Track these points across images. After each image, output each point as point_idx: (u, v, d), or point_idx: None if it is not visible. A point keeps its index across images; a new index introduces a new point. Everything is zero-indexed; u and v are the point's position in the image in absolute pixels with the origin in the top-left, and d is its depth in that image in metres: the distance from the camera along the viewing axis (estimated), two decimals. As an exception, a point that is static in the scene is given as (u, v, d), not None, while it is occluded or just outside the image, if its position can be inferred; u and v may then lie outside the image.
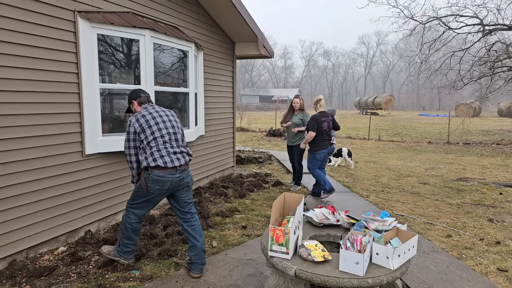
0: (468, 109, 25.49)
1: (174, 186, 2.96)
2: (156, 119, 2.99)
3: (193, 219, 3.13)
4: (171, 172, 2.91)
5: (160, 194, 2.95)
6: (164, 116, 3.06)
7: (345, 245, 2.29)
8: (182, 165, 2.97)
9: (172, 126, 3.06)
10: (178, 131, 3.09)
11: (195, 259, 3.06)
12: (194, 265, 3.07)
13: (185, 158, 3.02)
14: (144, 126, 2.93)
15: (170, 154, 2.93)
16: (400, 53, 53.52)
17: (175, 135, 3.04)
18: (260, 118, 28.87)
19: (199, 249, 3.07)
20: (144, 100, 3.16)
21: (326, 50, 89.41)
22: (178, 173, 2.95)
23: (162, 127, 2.98)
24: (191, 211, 3.14)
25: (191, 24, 5.58)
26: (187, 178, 3.05)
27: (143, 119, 2.95)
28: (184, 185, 3.04)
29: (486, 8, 12.48)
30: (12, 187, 3.16)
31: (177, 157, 2.96)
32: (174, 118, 3.14)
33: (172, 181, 2.92)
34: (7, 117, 3.10)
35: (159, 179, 2.87)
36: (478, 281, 3.05)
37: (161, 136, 2.94)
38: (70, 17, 3.57)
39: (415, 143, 13.59)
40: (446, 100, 38.99)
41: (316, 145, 5.47)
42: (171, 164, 2.89)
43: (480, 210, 5.12)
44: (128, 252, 3.11)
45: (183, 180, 3.00)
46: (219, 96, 6.63)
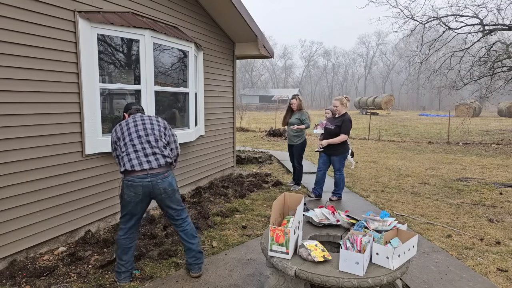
0: (468, 109, 25.49)
1: (149, 191, 2.79)
2: (129, 124, 2.95)
3: (184, 224, 3.03)
4: (141, 176, 2.76)
5: (137, 202, 2.80)
6: (139, 122, 2.97)
7: (345, 245, 2.29)
8: (153, 168, 2.79)
9: (144, 128, 2.94)
10: (152, 132, 2.94)
11: (192, 260, 3.05)
12: (192, 265, 3.06)
13: (158, 161, 2.83)
14: (119, 135, 2.93)
15: (140, 157, 2.80)
16: (400, 53, 53.51)
17: (146, 136, 2.90)
18: (260, 118, 28.87)
19: (194, 251, 3.04)
20: (133, 112, 3.16)
21: (326, 50, 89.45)
22: (150, 177, 2.77)
23: (133, 131, 2.91)
24: (181, 217, 3.02)
25: (191, 24, 5.58)
26: (163, 183, 2.82)
27: (119, 127, 2.97)
28: (161, 192, 2.82)
29: (486, 8, 12.48)
30: (12, 187, 3.16)
31: (148, 159, 2.81)
32: (152, 123, 3.01)
33: (144, 186, 2.76)
34: (7, 117, 3.10)
35: (130, 183, 2.75)
36: (478, 281, 3.05)
37: (130, 140, 2.87)
38: (70, 17, 3.57)
39: (415, 143, 13.58)
40: (446, 100, 39.01)
41: (345, 147, 5.33)
42: (139, 167, 2.76)
43: (480, 210, 5.12)
44: (119, 273, 2.96)
45: (158, 185, 2.79)
46: (219, 96, 6.63)
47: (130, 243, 2.95)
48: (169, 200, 2.91)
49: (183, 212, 3.05)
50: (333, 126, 5.23)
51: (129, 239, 2.94)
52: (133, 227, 2.95)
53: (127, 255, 2.95)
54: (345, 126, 5.12)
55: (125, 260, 2.95)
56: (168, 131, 3.10)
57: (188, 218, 3.09)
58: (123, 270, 2.96)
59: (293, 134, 6.13)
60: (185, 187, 5.72)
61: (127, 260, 2.96)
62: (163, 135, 3.02)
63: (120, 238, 2.92)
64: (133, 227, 2.94)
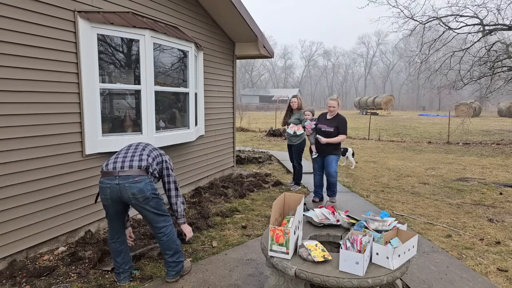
0: (468, 109, 25.49)
1: (117, 195, 2.67)
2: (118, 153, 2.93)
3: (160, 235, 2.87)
4: (110, 178, 2.68)
5: (108, 205, 2.74)
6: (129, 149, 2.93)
7: (345, 245, 2.29)
8: (123, 170, 2.68)
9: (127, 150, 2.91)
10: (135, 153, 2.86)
11: (166, 266, 2.98)
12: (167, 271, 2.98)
13: (132, 163, 2.73)
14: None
15: (116, 162, 2.76)
16: (400, 53, 53.50)
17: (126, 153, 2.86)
18: (260, 118, 28.87)
19: (167, 262, 2.94)
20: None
21: (326, 50, 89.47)
22: (118, 180, 2.65)
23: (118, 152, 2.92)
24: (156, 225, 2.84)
25: (191, 24, 5.58)
26: (132, 188, 2.64)
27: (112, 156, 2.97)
28: (130, 197, 2.66)
29: (486, 8, 12.47)
30: (12, 187, 3.16)
31: (119, 160, 2.76)
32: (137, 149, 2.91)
33: (111, 188, 2.66)
34: (7, 117, 3.10)
35: (100, 186, 2.73)
36: (478, 281, 3.05)
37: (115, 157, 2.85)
38: (70, 17, 3.57)
39: (415, 143, 13.58)
40: (446, 100, 38.99)
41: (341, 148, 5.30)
42: (106, 168, 2.72)
43: (480, 210, 5.12)
44: (118, 274, 2.96)
45: (126, 189, 2.64)
46: (219, 96, 6.63)
47: (120, 246, 2.91)
48: (141, 207, 2.73)
49: (162, 221, 2.85)
50: (332, 128, 5.05)
51: (117, 243, 2.90)
52: (117, 231, 2.88)
53: (120, 257, 2.93)
54: (344, 126, 5.06)
55: (119, 262, 2.94)
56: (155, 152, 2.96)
57: (167, 229, 2.87)
58: (121, 271, 2.95)
59: (292, 134, 6.13)
60: (185, 187, 5.72)
61: (121, 262, 2.94)
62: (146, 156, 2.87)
63: (108, 241, 2.93)
64: (116, 232, 2.88)
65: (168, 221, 2.91)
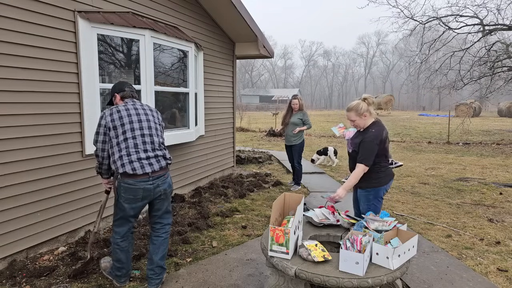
0: (468, 109, 25.47)
1: (149, 194, 2.65)
2: (131, 117, 2.65)
3: (161, 230, 2.86)
4: (143, 179, 2.58)
5: (135, 207, 2.67)
6: (142, 115, 2.72)
7: (345, 245, 2.29)
8: (155, 171, 2.63)
9: (149, 127, 2.72)
10: (155, 132, 2.74)
11: (150, 273, 2.81)
12: (149, 279, 2.81)
13: (160, 163, 2.68)
14: (117, 123, 2.61)
15: (142, 159, 2.59)
16: (400, 53, 53.47)
17: (150, 137, 2.69)
18: (260, 118, 28.86)
19: (154, 264, 2.80)
20: (127, 95, 2.82)
21: (326, 50, 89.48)
22: (152, 180, 2.62)
23: (137, 127, 2.64)
24: (162, 221, 2.87)
25: (191, 24, 5.58)
26: (164, 185, 2.72)
27: (117, 114, 2.63)
28: (161, 193, 2.72)
29: (486, 8, 12.46)
30: (12, 187, 3.16)
31: (150, 162, 2.62)
32: (154, 118, 2.80)
33: (145, 189, 2.61)
34: (7, 117, 3.10)
35: (130, 187, 2.58)
36: (478, 281, 3.05)
37: (133, 137, 2.61)
38: (70, 17, 3.57)
39: (415, 143, 13.58)
40: (446, 100, 38.99)
41: (381, 175, 3.06)
42: (141, 170, 2.57)
43: (480, 210, 5.12)
44: (119, 276, 2.85)
45: (159, 187, 2.68)
46: (219, 96, 6.63)
47: (129, 244, 2.82)
48: (163, 202, 2.80)
49: (168, 216, 2.90)
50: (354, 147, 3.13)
51: (127, 241, 2.80)
52: (130, 230, 2.81)
53: (127, 256, 2.83)
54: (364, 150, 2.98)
55: (125, 263, 2.82)
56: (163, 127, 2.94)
57: (168, 227, 2.91)
58: (124, 274, 2.85)
59: (292, 134, 6.13)
60: (185, 187, 5.72)
61: (127, 261, 2.84)
62: (162, 133, 2.85)
63: (118, 242, 2.76)
64: (129, 230, 2.81)
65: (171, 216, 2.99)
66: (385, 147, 3.02)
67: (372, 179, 3.05)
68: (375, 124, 3.06)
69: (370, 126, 3.05)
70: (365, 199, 3.12)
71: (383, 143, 3.00)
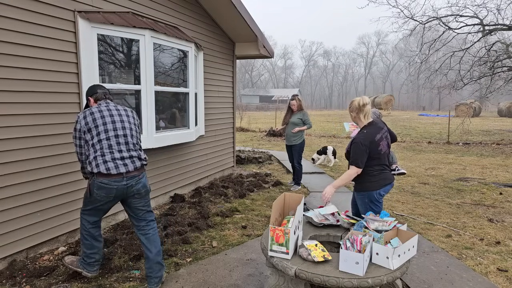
0: (468, 109, 25.47)
1: (122, 193, 2.69)
2: (105, 118, 2.68)
3: (147, 227, 2.88)
4: (117, 179, 2.62)
5: (107, 202, 2.72)
6: (116, 116, 2.73)
7: (345, 245, 2.29)
8: (130, 172, 2.67)
9: (123, 127, 2.73)
10: (129, 132, 2.76)
11: (149, 272, 2.83)
12: (148, 278, 2.83)
13: (135, 164, 2.71)
14: (91, 125, 2.64)
15: (116, 159, 2.64)
16: (400, 53, 53.49)
17: (125, 137, 2.71)
18: (260, 118, 28.86)
19: (151, 261, 2.82)
20: (100, 97, 2.84)
21: (326, 50, 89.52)
22: (126, 180, 2.66)
23: (110, 128, 2.67)
24: (146, 219, 2.88)
25: (191, 24, 5.58)
26: (138, 185, 2.74)
27: (91, 116, 2.66)
28: (134, 193, 2.74)
29: (486, 8, 12.46)
30: (12, 187, 3.16)
31: (124, 162, 2.66)
32: (128, 118, 2.80)
33: (119, 189, 2.65)
34: (7, 117, 3.10)
35: (104, 186, 2.61)
36: (478, 281, 3.05)
37: (106, 138, 2.64)
38: (70, 17, 3.57)
39: (415, 143, 13.58)
40: (446, 100, 38.98)
41: (373, 180, 3.00)
42: (115, 170, 2.61)
43: (480, 210, 5.12)
44: (91, 264, 2.89)
45: (132, 187, 2.71)
46: (219, 96, 6.63)
47: (98, 231, 2.88)
48: (139, 201, 2.81)
49: (149, 214, 2.91)
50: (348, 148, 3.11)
51: (98, 229, 2.88)
52: (99, 220, 2.88)
53: (98, 241, 2.88)
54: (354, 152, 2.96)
55: (98, 247, 2.88)
56: (139, 127, 2.94)
57: (153, 223, 2.92)
58: (96, 260, 2.90)
59: (292, 134, 6.13)
60: (185, 187, 5.72)
61: (98, 249, 2.89)
62: (137, 134, 2.85)
63: (88, 228, 2.82)
64: (99, 220, 2.88)
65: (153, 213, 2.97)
66: (378, 150, 2.95)
67: (365, 182, 3.02)
68: (370, 125, 3.02)
69: (365, 127, 3.02)
70: (361, 202, 3.09)
71: (374, 145, 2.92)
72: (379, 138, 2.97)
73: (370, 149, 2.91)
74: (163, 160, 5.05)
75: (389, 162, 3.17)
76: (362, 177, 3.01)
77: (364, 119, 3.04)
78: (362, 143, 2.89)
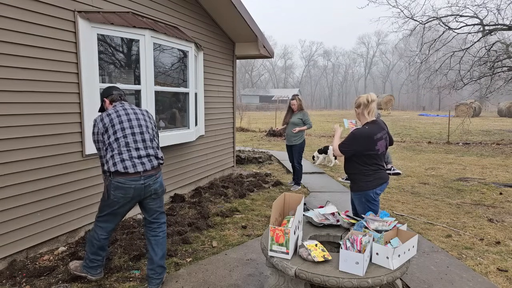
0: (468, 109, 25.46)
1: (140, 193, 2.66)
2: (121, 117, 2.70)
3: (158, 229, 2.86)
4: (134, 178, 2.59)
5: (125, 203, 2.67)
6: (132, 114, 2.75)
7: (345, 245, 2.29)
8: (147, 171, 2.65)
9: (139, 125, 2.73)
10: (146, 130, 2.75)
11: (151, 273, 2.81)
12: (150, 279, 2.81)
13: (152, 163, 2.69)
14: (108, 126, 2.66)
15: (133, 158, 2.61)
16: (400, 53, 53.46)
17: (141, 135, 2.71)
18: (260, 118, 28.86)
19: (155, 264, 2.80)
20: (116, 98, 2.87)
21: (326, 50, 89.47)
22: (143, 179, 2.63)
23: (127, 126, 2.67)
24: (158, 221, 2.87)
25: (191, 24, 5.58)
26: (155, 184, 2.71)
27: (108, 118, 2.68)
28: (152, 193, 2.72)
29: (486, 8, 12.46)
30: (12, 187, 3.16)
31: (142, 161, 2.64)
32: (144, 117, 2.82)
33: (136, 188, 2.62)
34: (7, 117, 3.10)
35: (121, 185, 2.58)
36: (478, 281, 3.05)
37: (123, 136, 2.64)
38: (70, 17, 3.57)
39: (415, 143, 13.58)
40: (446, 100, 38.96)
41: (368, 179, 3.04)
42: (133, 169, 2.58)
43: (480, 210, 5.12)
44: (94, 268, 2.89)
45: (150, 187, 2.68)
46: (219, 96, 6.63)
47: (108, 242, 2.86)
48: (156, 201, 2.80)
49: (162, 216, 2.91)
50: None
51: (108, 239, 2.85)
52: (114, 228, 2.83)
53: (104, 250, 2.87)
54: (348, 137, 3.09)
55: (102, 256, 2.87)
56: (156, 128, 2.96)
57: (164, 225, 2.92)
58: (100, 264, 2.90)
59: (292, 134, 6.13)
60: (185, 187, 5.72)
61: (104, 254, 2.90)
62: (155, 133, 2.87)
63: (101, 238, 2.78)
64: (114, 229, 2.83)
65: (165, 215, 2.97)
66: (375, 149, 2.98)
67: (360, 182, 3.06)
68: (373, 123, 3.07)
69: (368, 124, 3.06)
70: (358, 202, 3.13)
71: (372, 143, 2.96)
72: (379, 137, 3.01)
73: (366, 145, 2.96)
74: (163, 160, 5.05)
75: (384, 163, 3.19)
76: (357, 177, 3.07)
77: (368, 116, 3.08)
78: (359, 136, 2.98)
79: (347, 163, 3.15)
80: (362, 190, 3.05)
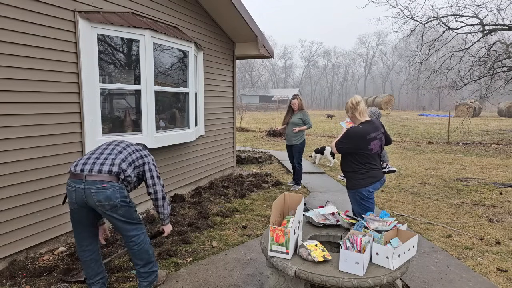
0: (468, 109, 25.46)
1: (82, 200, 2.43)
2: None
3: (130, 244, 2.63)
4: (76, 180, 2.43)
5: (74, 210, 2.51)
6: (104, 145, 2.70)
7: (345, 245, 2.29)
8: (90, 174, 2.42)
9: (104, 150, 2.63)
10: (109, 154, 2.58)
11: (138, 276, 2.77)
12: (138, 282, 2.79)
13: (99, 167, 2.46)
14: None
15: (83, 162, 2.51)
16: (400, 53, 53.49)
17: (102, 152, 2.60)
18: (260, 118, 28.86)
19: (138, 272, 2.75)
20: None
21: (326, 50, 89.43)
22: (84, 184, 2.40)
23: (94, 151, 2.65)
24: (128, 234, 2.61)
25: (191, 24, 5.58)
26: (98, 195, 2.39)
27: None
28: (96, 204, 2.42)
29: (486, 8, 12.46)
30: (12, 187, 3.16)
31: (89, 162, 2.50)
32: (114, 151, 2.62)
33: (77, 192, 2.42)
34: (7, 117, 3.10)
35: (67, 188, 2.49)
36: (478, 281, 3.05)
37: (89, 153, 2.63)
38: (70, 17, 3.57)
39: (415, 143, 13.58)
40: (446, 100, 38.95)
41: (361, 177, 3.13)
42: (74, 169, 2.47)
43: (480, 210, 5.12)
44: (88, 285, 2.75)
45: (92, 195, 2.40)
46: (219, 96, 6.63)
47: (90, 255, 2.64)
48: (108, 215, 2.50)
49: (133, 230, 2.61)
50: None
51: (86, 252, 2.63)
52: (84, 238, 2.62)
53: (90, 268, 2.66)
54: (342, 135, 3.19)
55: (90, 274, 2.67)
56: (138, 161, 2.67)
57: (138, 238, 2.63)
58: (92, 282, 2.70)
59: (292, 134, 6.13)
60: (185, 187, 5.72)
61: (92, 273, 2.68)
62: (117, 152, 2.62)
63: (77, 250, 2.65)
64: (83, 238, 2.61)
65: (139, 230, 2.65)
66: (368, 149, 3.06)
67: (354, 180, 3.16)
68: (367, 123, 3.14)
69: (362, 123, 3.14)
70: (353, 200, 3.22)
71: (364, 142, 3.03)
72: (372, 137, 3.08)
73: (359, 144, 3.05)
74: (163, 160, 5.05)
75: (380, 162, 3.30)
76: (351, 175, 3.18)
77: (360, 117, 3.17)
78: (352, 134, 3.08)
79: (343, 161, 3.26)
80: (355, 187, 3.15)
